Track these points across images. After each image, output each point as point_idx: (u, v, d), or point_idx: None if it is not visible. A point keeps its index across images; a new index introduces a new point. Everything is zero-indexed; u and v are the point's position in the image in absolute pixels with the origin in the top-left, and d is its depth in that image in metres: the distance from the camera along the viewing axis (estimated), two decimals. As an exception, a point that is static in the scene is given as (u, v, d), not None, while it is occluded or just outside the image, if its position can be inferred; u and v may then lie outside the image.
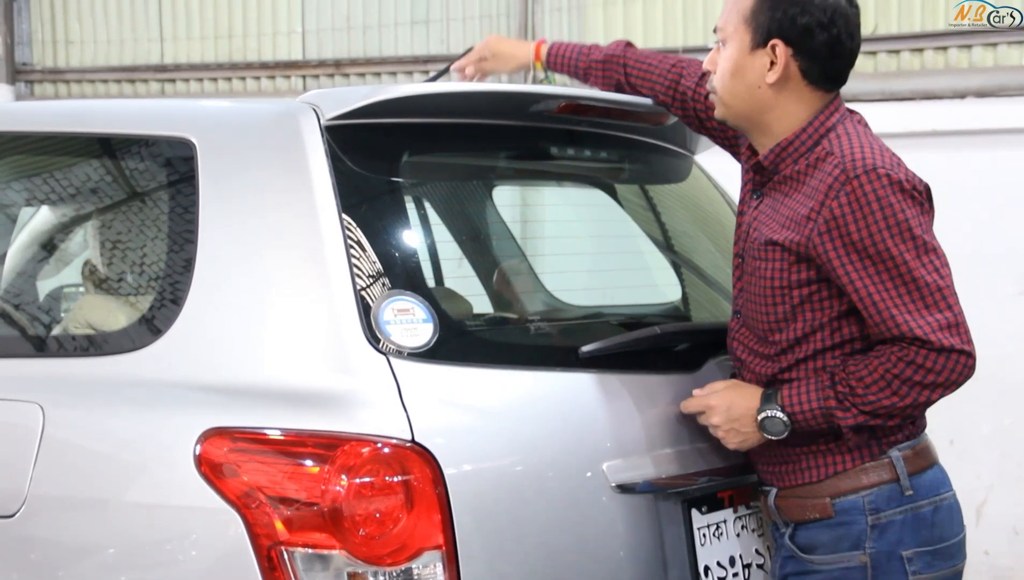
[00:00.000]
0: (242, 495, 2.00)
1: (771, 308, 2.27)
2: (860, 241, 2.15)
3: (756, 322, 2.31)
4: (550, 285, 3.23)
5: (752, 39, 2.26)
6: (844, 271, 2.17)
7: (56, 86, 7.26)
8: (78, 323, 2.51)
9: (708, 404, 2.32)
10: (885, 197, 2.15)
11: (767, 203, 2.31)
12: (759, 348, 2.32)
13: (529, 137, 2.62)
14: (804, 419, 2.23)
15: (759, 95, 2.28)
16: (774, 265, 2.25)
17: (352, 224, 2.17)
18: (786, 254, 2.23)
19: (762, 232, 2.28)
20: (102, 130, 2.58)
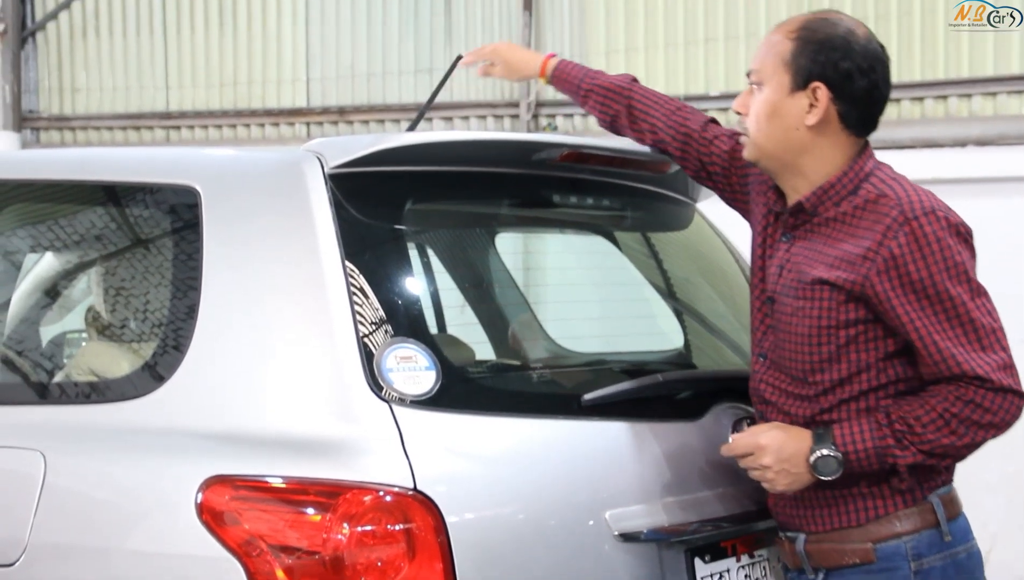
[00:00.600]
0: (243, 543, 1.99)
1: (814, 348, 2.24)
2: (920, 281, 2.15)
3: (793, 362, 2.28)
4: (553, 332, 3.23)
5: (792, 81, 2.26)
6: (903, 310, 2.16)
7: (62, 133, 7.31)
8: (81, 370, 2.51)
9: (758, 444, 2.26)
10: (944, 239, 2.17)
11: (804, 245, 2.29)
12: (793, 389, 2.29)
13: (532, 185, 2.63)
14: (858, 459, 2.20)
15: (795, 137, 2.27)
16: (821, 304, 2.23)
17: (355, 271, 2.17)
18: (836, 293, 2.21)
19: (806, 272, 2.26)
20: (107, 178, 2.60)
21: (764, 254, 2.40)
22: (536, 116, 6.20)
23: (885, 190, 2.24)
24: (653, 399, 2.47)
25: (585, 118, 6.08)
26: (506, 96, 6.25)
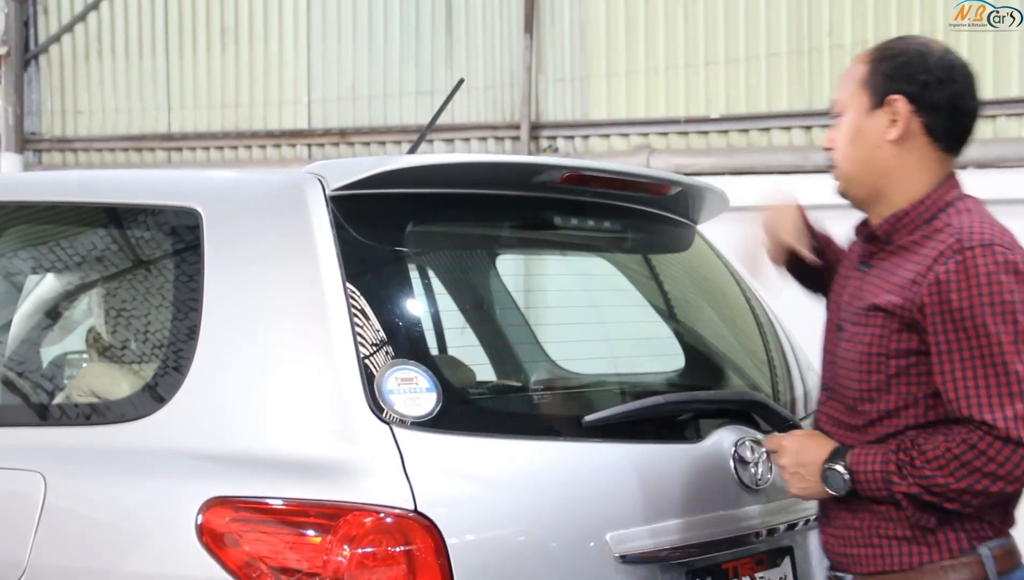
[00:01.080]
0: (243, 565, 1.98)
1: (864, 375, 2.18)
2: (959, 310, 2.07)
3: (846, 390, 2.23)
4: (553, 354, 3.23)
5: (870, 100, 2.22)
6: (934, 338, 2.09)
7: (64, 155, 7.33)
8: (82, 391, 2.51)
9: (781, 443, 2.27)
10: (995, 273, 2.08)
11: (875, 273, 2.25)
12: (846, 418, 2.24)
13: (532, 207, 2.63)
14: (864, 480, 2.15)
15: (879, 156, 2.22)
16: (874, 331, 2.17)
17: (356, 293, 2.18)
18: (888, 320, 2.15)
19: (866, 299, 2.21)
20: (109, 199, 2.60)
21: (841, 283, 2.34)
22: (537, 138, 6.21)
23: (953, 220, 2.16)
24: (654, 421, 2.47)
25: (586, 140, 6.09)
26: (507, 118, 6.27)
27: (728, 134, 5.75)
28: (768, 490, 2.50)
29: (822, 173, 5.57)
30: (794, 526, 2.57)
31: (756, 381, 2.87)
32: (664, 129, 5.90)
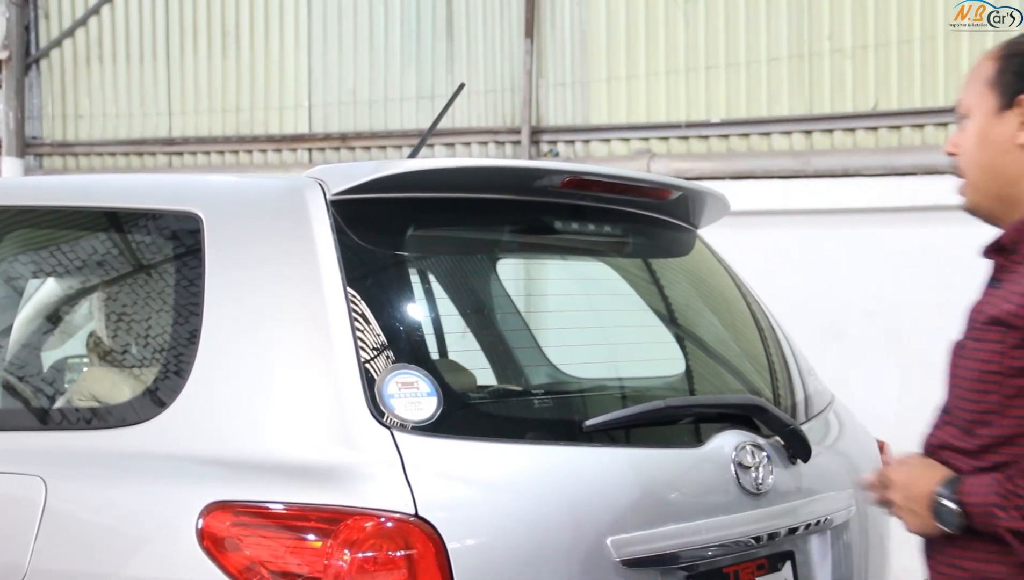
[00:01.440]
0: (244, 569, 1.98)
1: (980, 395, 1.98)
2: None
3: (961, 411, 2.03)
4: (554, 358, 3.23)
5: (998, 102, 2.04)
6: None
7: (65, 159, 7.34)
8: (82, 395, 2.51)
9: (889, 478, 2.08)
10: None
11: (1000, 286, 2.05)
12: (959, 442, 2.03)
13: (533, 211, 2.64)
14: (975, 514, 1.94)
15: (1008, 162, 2.04)
16: (992, 346, 1.98)
17: (357, 297, 2.18)
18: (1008, 334, 1.95)
19: (986, 311, 2.02)
20: (110, 204, 2.60)
21: (974, 302, 2.12)
22: (537, 143, 6.21)
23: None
24: (655, 425, 2.47)
25: (587, 145, 6.10)
26: (507, 123, 6.28)
27: (729, 138, 5.75)
28: (769, 494, 2.50)
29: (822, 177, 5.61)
30: (795, 531, 2.56)
31: (757, 385, 2.87)
32: (665, 133, 5.90)
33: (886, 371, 5.09)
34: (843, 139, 5.48)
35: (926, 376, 5.22)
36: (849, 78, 5.44)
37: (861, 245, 5.17)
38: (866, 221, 5.19)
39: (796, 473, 2.61)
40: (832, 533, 2.72)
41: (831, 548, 2.71)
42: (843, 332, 5.12)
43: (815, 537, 2.68)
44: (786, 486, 2.56)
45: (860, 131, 5.46)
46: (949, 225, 5.15)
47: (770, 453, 2.54)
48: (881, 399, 4.98)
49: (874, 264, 5.14)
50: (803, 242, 5.26)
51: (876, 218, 5.17)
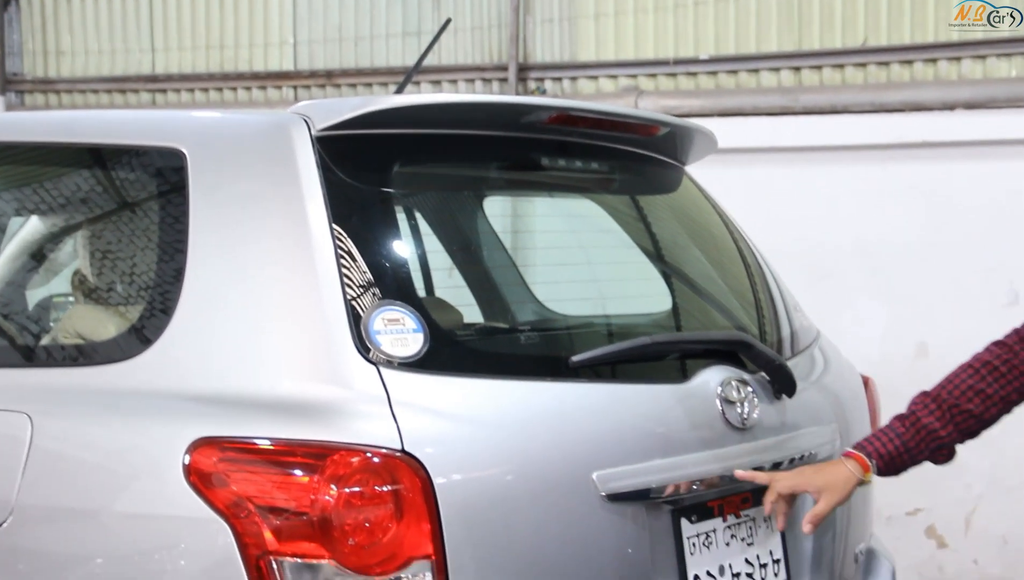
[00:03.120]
0: (231, 505, 1.99)
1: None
2: None
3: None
4: (541, 295, 3.23)
5: None
6: None
7: (47, 96, 7.26)
8: (67, 333, 2.50)
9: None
10: None
11: None
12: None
13: (520, 148, 2.62)
14: None
15: None
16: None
17: (343, 234, 2.17)
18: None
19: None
20: (92, 140, 2.58)
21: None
22: (524, 80, 6.17)
23: None
24: (641, 361, 2.48)
25: (574, 82, 6.05)
26: (494, 60, 6.22)
27: (717, 75, 5.70)
28: (754, 429, 2.52)
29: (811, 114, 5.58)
30: (780, 465, 2.59)
31: (743, 322, 2.88)
32: (653, 70, 5.86)
33: (872, 308, 5.11)
34: (832, 76, 5.45)
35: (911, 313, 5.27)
36: (838, 14, 5.40)
37: (849, 182, 5.16)
38: (854, 158, 5.17)
39: (781, 408, 2.63)
40: (816, 468, 2.74)
41: (815, 482, 2.74)
42: (829, 269, 5.13)
43: (800, 471, 2.70)
44: (771, 421, 2.58)
45: (849, 68, 5.42)
46: (937, 162, 5.16)
47: (755, 388, 2.55)
48: (866, 336, 5.01)
49: (861, 201, 5.14)
50: (790, 179, 5.24)
51: (864, 155, 5.16)
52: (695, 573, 2.41)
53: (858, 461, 2.46)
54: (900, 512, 4.97)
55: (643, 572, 2.30)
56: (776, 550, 2.62)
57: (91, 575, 2.13)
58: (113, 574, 2.11)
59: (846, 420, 2.90)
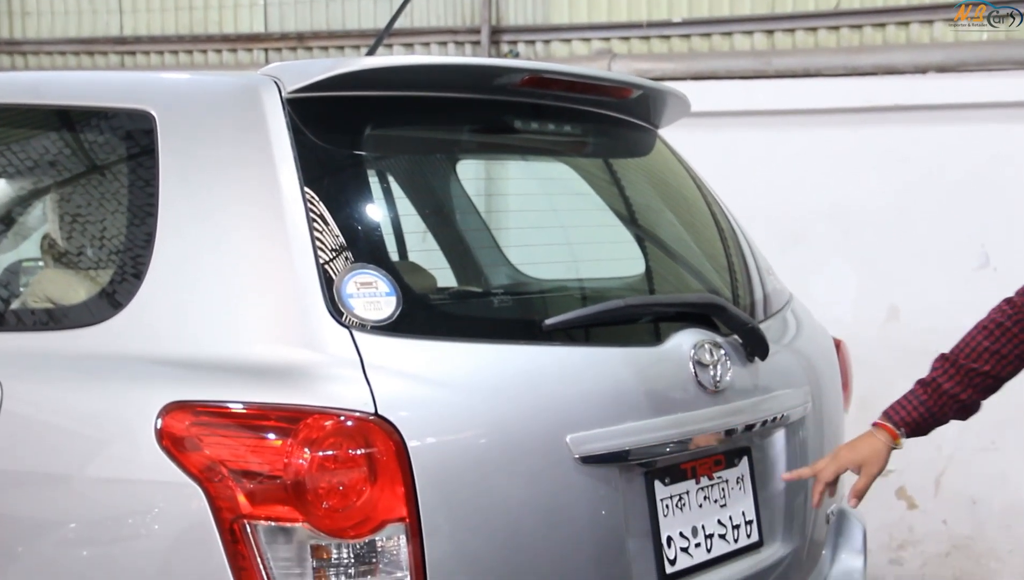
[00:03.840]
0: (204, 469, 1.99)
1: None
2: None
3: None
4: (514, 259, 3.23)
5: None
6: None
7: (12, 58, 7.16)
8: (37, 297, 2.48)
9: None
10: None
11: None
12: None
13: (493, 111, 2.61)
14: None
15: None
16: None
17: (314, 197, 2.16)
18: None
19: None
20: (60, 102, 2.55)
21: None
22: (497, 43, 6.13)
23: None
24: (614, 325, 2.48)
25: (547, 45, 6.02)
26: (467, 22, 6.18)
27: (690, 39, 5.69)
28: (727, 392, 2.53)
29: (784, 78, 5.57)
30: (752, 427, 2.60)
31: (716, 285, 2.89)
32: (626, 33, 5.83)
33: (844, 272, 5.13)
34: (805, 39, 5.45)
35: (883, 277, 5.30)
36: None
37: (821, 146, 5.17)
38: (826, 122, 5.18)
39: (754, 371, 2.64)
40: (788, 430, 2.76)
41: (787, 444, 2.76)
42: (802, 233, 5.14)
43: (772, 433, 2.72)
44: (744, 384, 2.59)
45: (822, 31, 5.42)
46: (909, 126, 5.17)
47: (728, 351, 2.56)
48: (838, 299, 5.03)
49: (834, 165, 5.14)
50: (763, 143, 5.24)
51: (836, 119, 5.16)
52: (668, 535, 2.42)
53: (887, 431, 2.56)
54: (870, 474, 5.01)
55: (617, 534, 2.31)
56: (749, 511, 2.64)
57: (63, 540, 2.12)
58: (85, 539, 2.10)
59: (818, 383, 2.92)
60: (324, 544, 1.97)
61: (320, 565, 1.97)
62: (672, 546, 2.43)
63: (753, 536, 2.64)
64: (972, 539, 5.03)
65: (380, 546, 1.99)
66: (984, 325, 2.54)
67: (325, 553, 1.97)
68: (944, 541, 5.05)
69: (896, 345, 4.82)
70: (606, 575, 2.29)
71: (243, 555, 1.96)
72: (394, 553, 1.99)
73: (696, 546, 2.49)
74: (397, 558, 1.99)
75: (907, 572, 5.10)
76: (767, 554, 2.67)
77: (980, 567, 5.03)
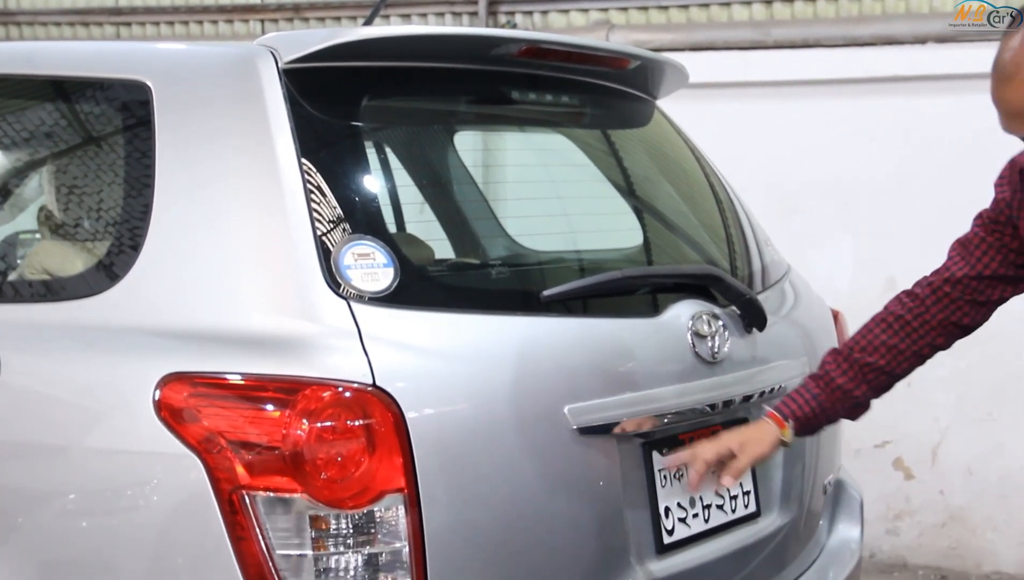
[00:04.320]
0: (203, 440, 1.99)
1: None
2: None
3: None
4: (511, 230, 3.22)
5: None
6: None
7: (7, 28, 7.13)
8: (34, 269, 2.48)
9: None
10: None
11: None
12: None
13: (490, 81, 2.60)
14: None
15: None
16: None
17: (311, 169, 2.15)
18: None
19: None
20: (55, 72, 2.54)
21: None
22: (495, 14, 6.10)
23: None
24: (612, 296, 2.48)
25: (544, 16, 6.00)
26: (464, -8, 6.15)
27: (688, 9, 5.66)
28: (724, 363, 2.53)
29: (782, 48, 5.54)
30: (750, 398, 2.61)
31: (714, 256, 2.89)
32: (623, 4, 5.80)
33: (842, 243, 5.13)
34: (803, 9, 5.42)
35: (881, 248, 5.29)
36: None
37: (820, 116, 5.15)
38: (825, 92, 5.16)
39: (751, 342, 2.64)
40: (786, 400, 2.76)
41: (784, 415, 2.76)
42: (800, 204, 5.13)
43: (769, 404, 2.72)
44: (741, 355, 2.60)
45: (821, 1, 5.40)
46: (908, 97, 5.15)
47: (726, 322, 2.56)
48: (836, 270, 5.03)
49: (832, 136, 5.13)
50: (762, 114, 5.23)
51: (835, 89, 5.15)
52: (666, 505, 2.43)
53: (776, 421, 2.43)
54: (868, 445, 5.03)
55: (614, 505, 2.31)
56: (746, 482, 2.64)
57: (63, 511, 2.12)
58: (85, 510, 2.11)
59: (816, 354, 2.92)
60: (323, 514, 1.97)
61: (319, 535, 1.97)
62: (670, 516, 2.44)
63: (750, 506, 2.65)
64: (968, 509, 5.05)
65: (378, 516, 1.99)
66: (882, 318, 2.44)
67: (324, 523, 1.97)
68: (941, 511, 5.07)
69: (894, 316, 4.82)
70: (604, 545, 2.30)
71: (242, 525, 1.96)
72: (392, 523, 2.00)
73: (694, 516, 2.50)
74: (395, 528, 2.00)
75: (903, 542, 5.13)
76: (764, 524, 2.68)
77: (976, 537, 5.06)
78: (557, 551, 2.22)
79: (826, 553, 2.96)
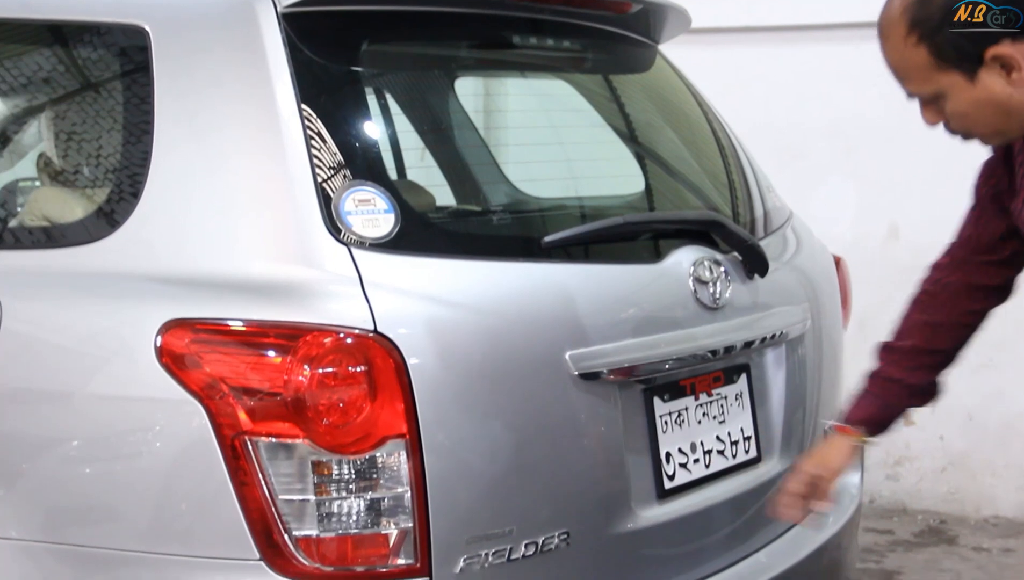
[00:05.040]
0: (205, 386, 1.99)
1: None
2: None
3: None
4: (513, 176, 3.21)
5: (963, 76, 1.98)
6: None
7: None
8: (34, 216, 2.47)
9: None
10: None
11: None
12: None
13: (491, 26, 2.58)
14: None
15: (1015, 102, 1.96)
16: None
17: (311, 114, 2.14)
18: None
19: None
20: (53, 17, 2.52)
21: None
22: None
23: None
24: (613, 242, 2.48)
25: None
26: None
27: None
28: (726, 309, 2.53)
29: (785, -8, 5.45)
30: (751, 344, 2.61)
31: (716, 202, 2.88)
32: (626, -53, 5.76)
33: (844, 189, 5.10)
34: (807, -47, 5.37)
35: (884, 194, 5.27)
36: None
37: (822, 62, 5.11)
38: (827, 37, 5.12)
39: (753, 288, 2.64)
40: (787, 346, 2.77)
41: (786, 361, 2.77)
42: (802, 150, 5.11)
43: (770, 350, 2.73)
44: (743, 301, 2.59)
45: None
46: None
47: (728, 268, 2.56)
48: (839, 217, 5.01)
49: (835, 81, 5.10)
50: (764, 59, 5.19)
51: (838, 34, 5.10)
52: (667, 451, 2.44)
53: (845, 433, 2.37)
54: (868, 390, 5.04)
55: (616, 450, 2.32)
56: (747, 427, 2.65)
57: (66, 458, 2.13)
58: (88, 456, 2.12)
59: (817, 300, 2.93)
60: (325, 460, 1.98)
61: (321, 480, 1.98)
62: (671, 462, 2.45)
63: (751, 452, 2.66)
64: (968, 455, 5.07)
65: (380, 462, 2.00)
66: (914, 297, 2.37)
67: (326, 469, 1.98)
68: (940, 457, 5.10)
69: (896, 262, 4.81)
70: (605, 491, 2.31)
71: (244, 471, 1.97)
72: (395, 469, 2.01)
73: (695, 462, 2.51)
74: (398, 474, 2.01)
75: (903, 487, 5.16)
76: (765, 470, 2.69)
77: (976, 482, 5.09)
78: (558, 497, 2.23)
79: (826, 498, 2.98)
